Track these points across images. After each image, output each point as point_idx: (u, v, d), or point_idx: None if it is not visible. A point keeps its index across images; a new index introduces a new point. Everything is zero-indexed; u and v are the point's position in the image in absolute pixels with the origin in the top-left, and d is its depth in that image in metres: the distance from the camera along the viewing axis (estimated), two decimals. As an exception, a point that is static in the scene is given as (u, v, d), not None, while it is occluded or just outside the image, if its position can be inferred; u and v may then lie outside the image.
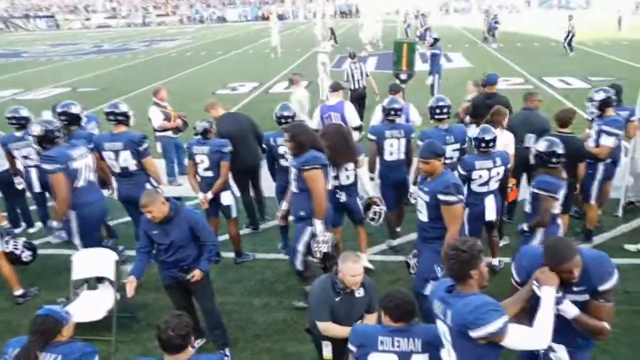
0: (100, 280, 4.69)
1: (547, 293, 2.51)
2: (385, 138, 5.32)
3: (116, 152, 5.04)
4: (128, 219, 5.88)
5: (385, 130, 5.35)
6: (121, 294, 4.56)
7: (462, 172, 4.63)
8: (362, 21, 22.98)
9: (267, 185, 6.06)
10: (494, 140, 4.59)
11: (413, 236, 5.11)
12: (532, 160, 4.29)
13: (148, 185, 5.13)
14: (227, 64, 21.21)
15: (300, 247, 4.45)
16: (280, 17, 49.29)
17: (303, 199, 4.34)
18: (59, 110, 5.27)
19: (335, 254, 4.33)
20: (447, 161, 5.03)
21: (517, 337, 2.39)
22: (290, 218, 5.68)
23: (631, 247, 5.42)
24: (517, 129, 5.50)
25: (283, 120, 5.37)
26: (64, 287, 4.82)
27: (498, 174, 4.66)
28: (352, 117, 6.59)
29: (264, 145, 5.53)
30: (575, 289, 2.60)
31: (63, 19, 56.86)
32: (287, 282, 5.10)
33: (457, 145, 5.17)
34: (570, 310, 2.57)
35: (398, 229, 5.97)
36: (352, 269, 3.19)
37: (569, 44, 19.30)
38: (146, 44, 32.44)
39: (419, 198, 4.01)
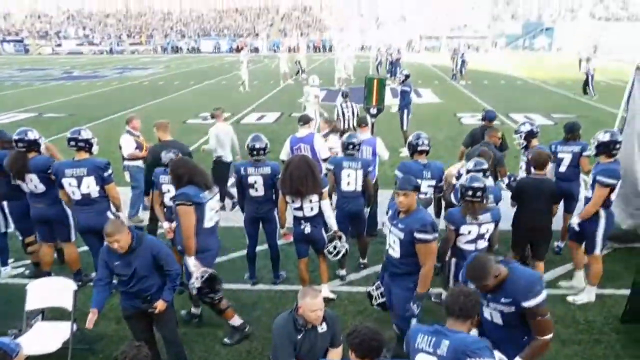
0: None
1: None
2: (343, 168, 5.41)
3: (79, 179, 4.95)
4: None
5: (343, 161, 5.46)
6: (78, 325, 4.40)
7: (454, 201, 4.76)
8: (338, 56, 23.34)
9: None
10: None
11: (378, 268, 5.13)
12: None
13: (109, 214, 5.06)
14: (200, 94, 21.21)
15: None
16: (256, 50, 50.02)
17: (179, 233, 4.38)
18: (15, 137, 5.15)
19: (213, 289, 4.28)
20: (422, 196, 5.06)
21: None
22: (259, 248, 5.68)
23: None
24: None
25: (255, 152, 5.36)
26: (16, 318, 4.58)
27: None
28: (321, 149, 6.63)
29: (234, 174, 5.50)
30: (502, 300, 3.05)
31: (33, 44, 56.15)
32: (252, 313, 5.00)
33: (433, 182, 5.23)
34: None
35: (365, 260, 5.99)
36: (312, 304, 3.17)
37: (588, 86, 18.79)
38: (118, 72, 32.24)
39: (390, 234, 3.98)
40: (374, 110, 9.23)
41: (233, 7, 62.31)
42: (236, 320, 4.65)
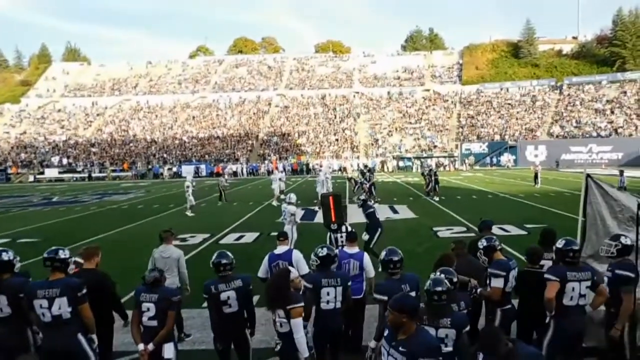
0: None
1: None
2: (322, 287, 5.26)
3: (50, 300, 4.79)
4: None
5: (322, 278, 5.30)
6: None
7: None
8: (319, 179, 24.29)
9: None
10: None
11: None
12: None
13: (80, 336, 4.83)
14: (179, 217, 21.30)
15: None
16: (234, 174, 51.53)
17: None
18: None
19: None
20: None
21: None
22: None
23: None
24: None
25: (222, 268, 5.30)
26: None
27: None
28: (300, 265, 6.60)
29: (204, 295, 5.34)
30: None
31: (15, 173, 56.78)
32: None
33: (413, 293, 5.11)
34: None
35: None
36: None
37: None
38: (98, 197, 32.46)
39: (389, 357, 3.73)
40: (334, 226, 9.13)
41: (214, 134, 65.19)
42: None
